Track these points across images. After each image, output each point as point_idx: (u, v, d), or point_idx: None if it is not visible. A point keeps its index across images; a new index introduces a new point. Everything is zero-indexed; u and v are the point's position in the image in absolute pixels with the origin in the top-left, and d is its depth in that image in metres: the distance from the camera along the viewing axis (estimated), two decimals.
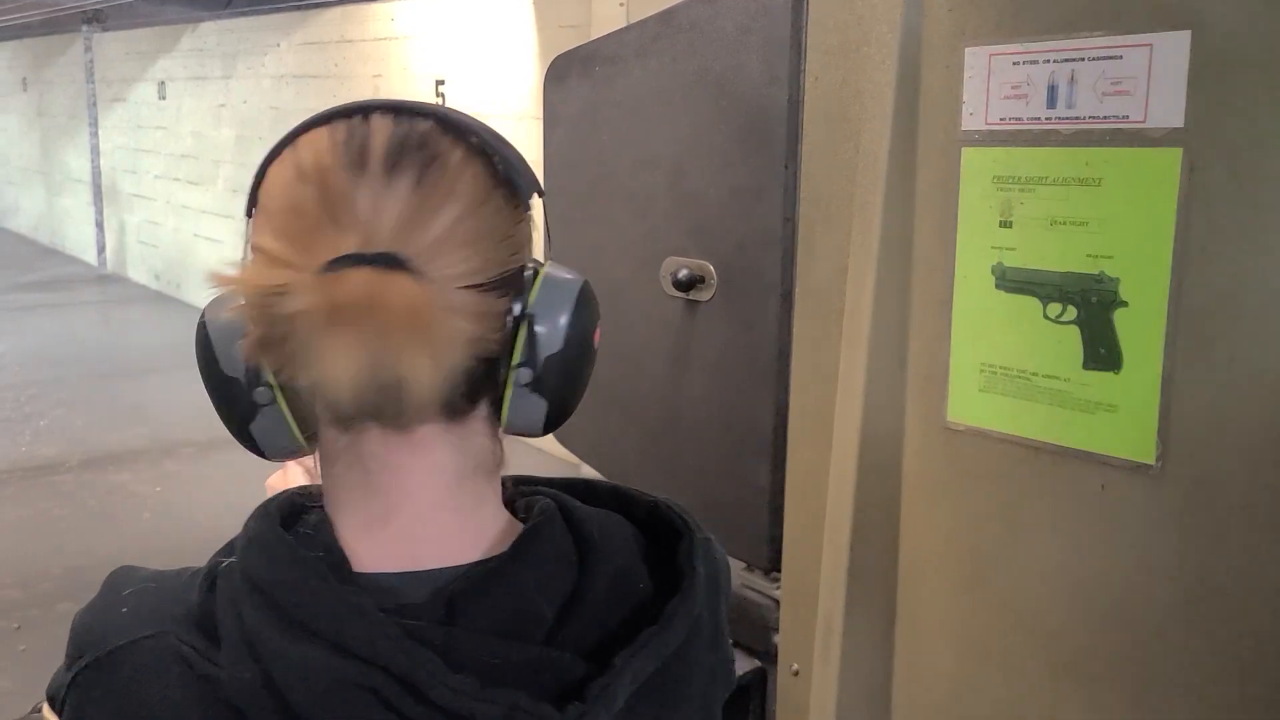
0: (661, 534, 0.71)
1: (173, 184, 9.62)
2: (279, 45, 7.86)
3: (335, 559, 0.62)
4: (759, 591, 1.50)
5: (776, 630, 1.43)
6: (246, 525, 0.65)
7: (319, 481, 1.13)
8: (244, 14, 8.00)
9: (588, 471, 1.93)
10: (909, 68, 1.15)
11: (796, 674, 1.35)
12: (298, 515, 0.66)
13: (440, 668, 0.57)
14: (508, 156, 0.64)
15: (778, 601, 1.44)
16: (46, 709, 1.19)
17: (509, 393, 0.64)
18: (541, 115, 5.55)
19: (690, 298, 1.50)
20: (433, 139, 0.63)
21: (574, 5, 5.27)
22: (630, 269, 1.58)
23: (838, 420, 1.24)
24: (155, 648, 0.62)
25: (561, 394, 0.65)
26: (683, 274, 1.48)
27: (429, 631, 0.59)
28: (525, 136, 5.55)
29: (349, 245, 0.58)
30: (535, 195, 0.66)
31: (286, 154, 0.63)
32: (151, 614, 0.64)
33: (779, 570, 1.42)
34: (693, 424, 1.53)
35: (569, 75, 1.70)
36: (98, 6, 8.82)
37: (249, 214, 0.64)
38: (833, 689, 1.24)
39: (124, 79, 10.31)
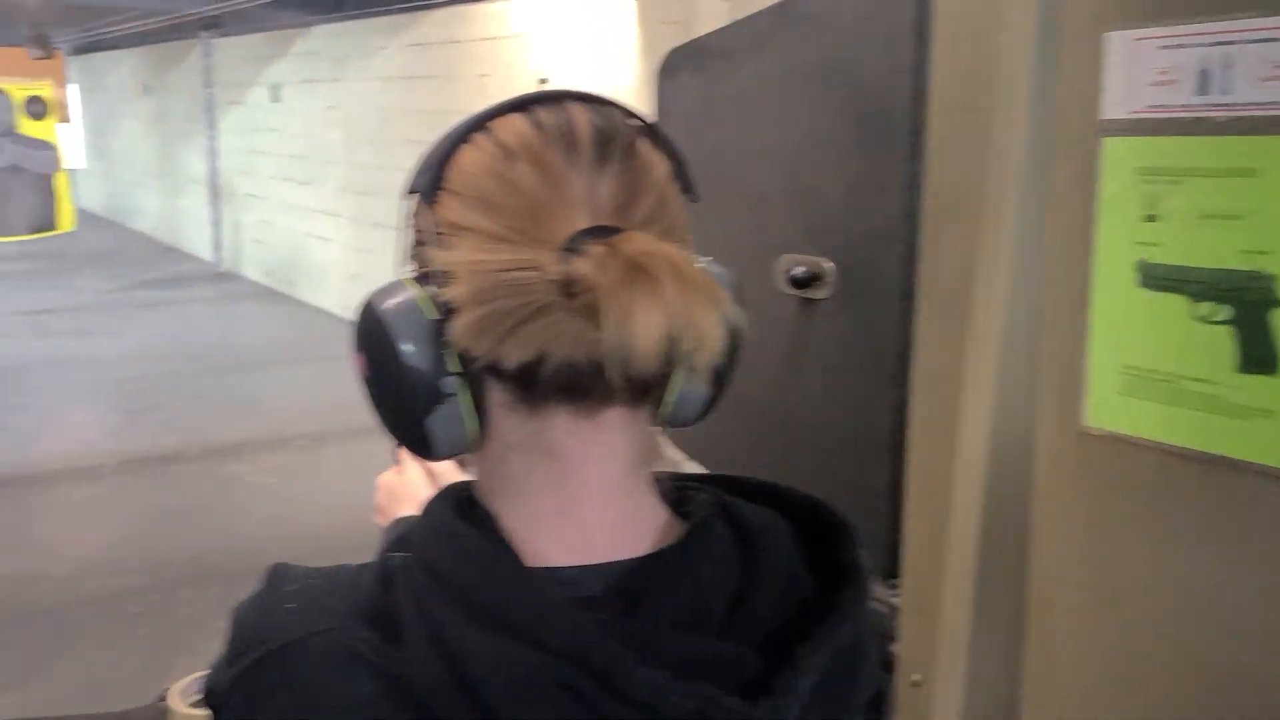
0: (819, 530, 0.69)
1: (284, 184, 9.92)
2: (386, 47, 8.02)
3: (510, 551, 0.62)
4: (875, 599, 1.46)
5: (894, 639, 1.38)
6: (424, 519, 0.64)
7: (441, 479, 1.14)
8: (353, 17, 8.19)
9: (690, 469, 1.91)
10: (1045, 54, 1.09)
11: (917, 685, 1.30)
12: (464, 509, 0.65)
13: (634, 660, 0.56)
14: (677, 151, 0.66)
15: (895, 609, 1.39)
16: (175, 700, 1.23)
17: (677, 379, 0.64)
18: (646, 111, 5.60)
19: (806, 295, 1.46)
20: (626, 128, 0.64)
21: (676, 1, 5.25)
22: (743, 266, 1.54)
23: (963, 423, 1.19)
24: (328, 643, 0.61)
25: (720, 385, 0.66)
26: (799, 271, 1.44)
27: (615, 624, 0.58)
28: None
29: (581, 221, 0.60)
30: (690, 193, 0.67)
31: (479, 138, 0.64)
32: (320, 610, 0.64)
33: (896, 577, 1.38)
34: (806, 424, 1.50)
35: (681, 70, 1.68)
36: (215, 13, 9.14)
37: (428, 198, 0.64)
38: (957, 703, 1.20)
39: (239, 83, 10.66)
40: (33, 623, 3.76)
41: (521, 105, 0.65)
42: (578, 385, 0.61)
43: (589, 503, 0.64)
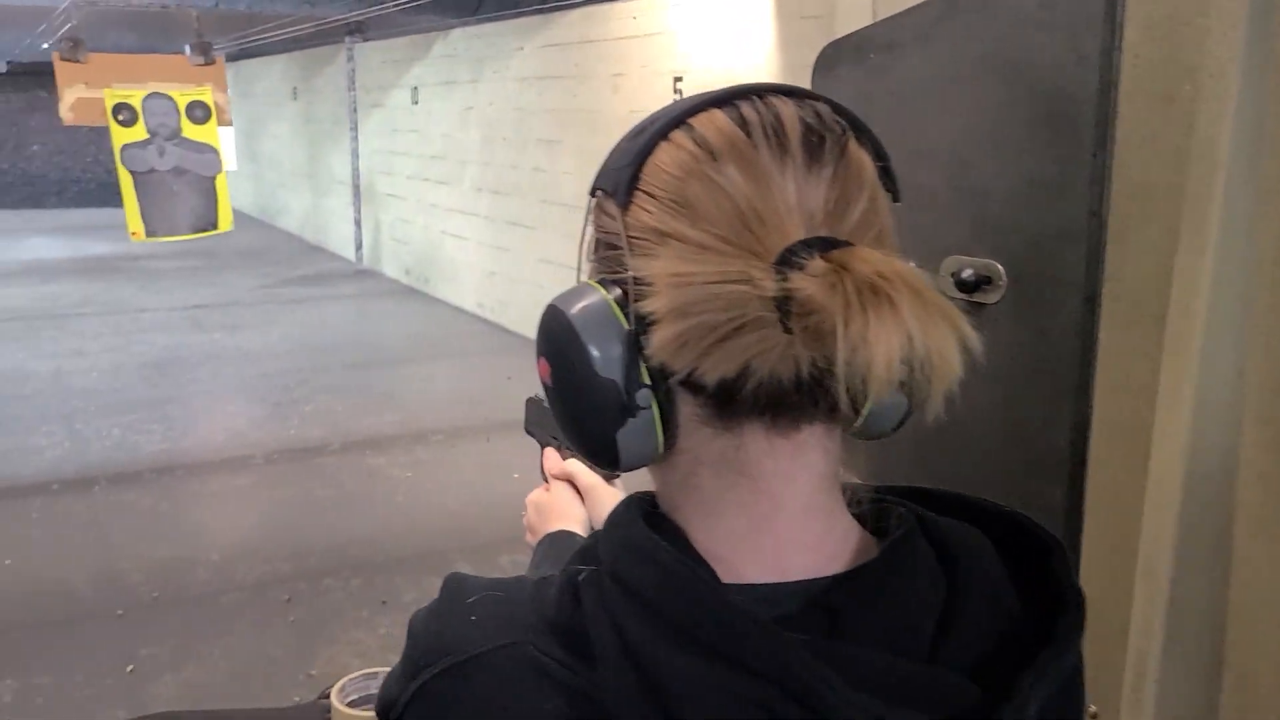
0: (1023, 549, 0.64)
1: (423, 184, 10.17)
2: (522, 49, 8.14)
3: (705, 569, 0.59)
4: None
5: None
6: (611, 532, 0.62)
7: (591, 495, 1.11)
8: (491, 19, 8.33)
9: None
10: (1258, 40, 1.00)
11: (1095, 718, 1.22)
12: (649, 521, 0.62)
13: (842, 685, 0.53)
14: (883, 150, 0.62)
15: None
16: (337, 699, 1.24)
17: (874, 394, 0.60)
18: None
19: (975, 300, 1.39)
20: (835, 125, 0.60)
21: None
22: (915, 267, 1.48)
23: (1156, 437, 1.11)
24: (512, 657, 0.60)
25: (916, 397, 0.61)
26: (967, 274, 1.37)
27: (818, 645, 0.55)
28: None
29: (796, 231, 0.56)
30: (894, 195, 0.63)
31: (678, 135, 0.60)
32: (503, 622, 0.62)
33: None
34: (974, 436, 1.42)
35: (838, 64, 1.62)
36: (360, 18, 9.43)
37: (621, 200, 0.60)
38: None
39: (381, 86, 10.99)
40: (187, 607, 3.92)
41: (723, 100, 0.61)
42: (779, 403, 0.58)
43: (784, 521, 0.61)
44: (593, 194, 0.65)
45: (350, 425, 6.14)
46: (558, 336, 0.61)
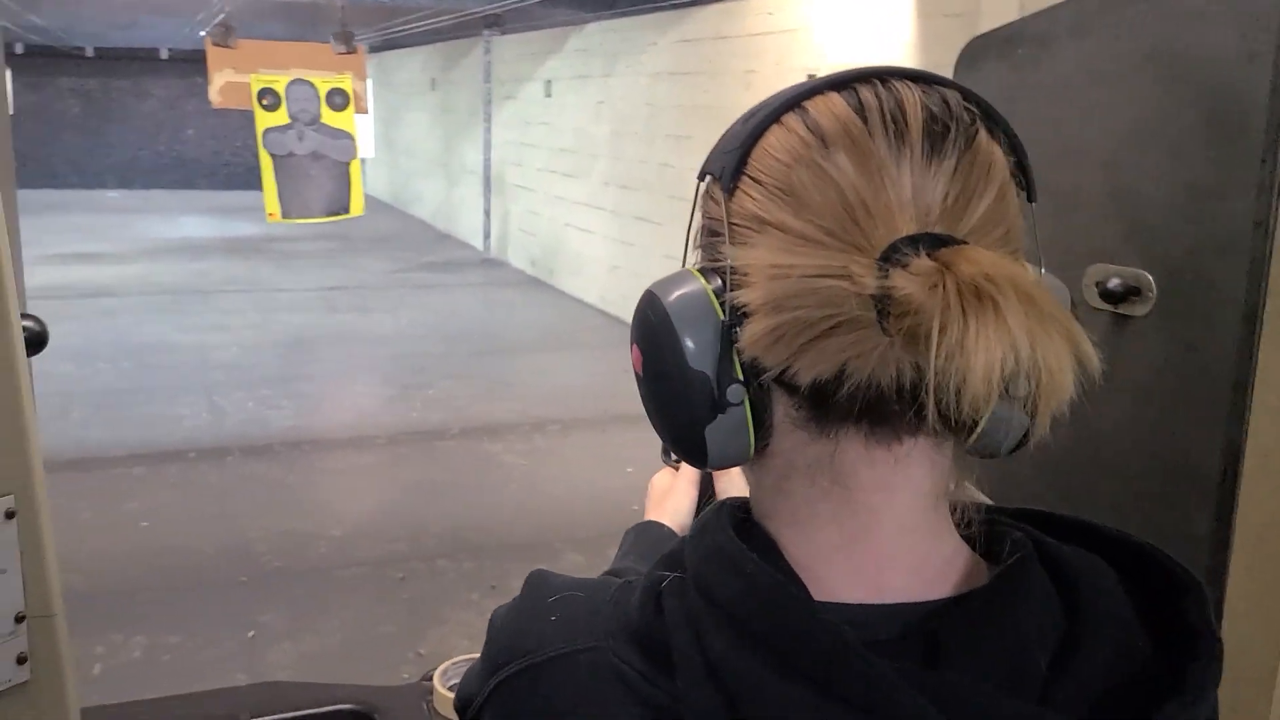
0: (1152, 583, 0.59)
1: (551, 176, 10.30)
2: (656, 43, 8.15)
3: (796, 583, 0.55)
4: None
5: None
6: (699, 538, 0.59)
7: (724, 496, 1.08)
8: (626, 14, 8.37)
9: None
10: None
11: None
12: (740, 529, 0.59)
13: None
14: (1019, 143, 0.57)
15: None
16: (439, 682, 1.24)
17: (989, 410, 0.55)
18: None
19: (1120, 311, 1.30)
20: (963, 115, 0.55)
21: None
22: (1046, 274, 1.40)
23: None
24: (591, 663, 0.58)
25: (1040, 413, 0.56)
26: (1113, 283, 1.29)
27: (916, 676, 0.51)
28: None
29: (907, 226, 0.52)
30: (1029, 194, 0.58)
31: (790, 119, 0.56)
32: (584, 625, 0.60)
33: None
34: (1111, 455, 1.34)
35: (984, 59, 1.55)
36: (498, 11, 9.60)
37: (726, 185, 0.57)
38: None
39: (516, 79, 11.17)
40: (308, 579, 4.06)
41: (842, 83, 0.57)
42: (878, 410, 0.54)
43: (881, 537, 0.57)
44: (701, 178, 0.62)
45: (470, 411, 6.26)
46: (651, 324, 0.59)
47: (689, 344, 0.56)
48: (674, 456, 1.15)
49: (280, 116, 6.44)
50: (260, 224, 12.04)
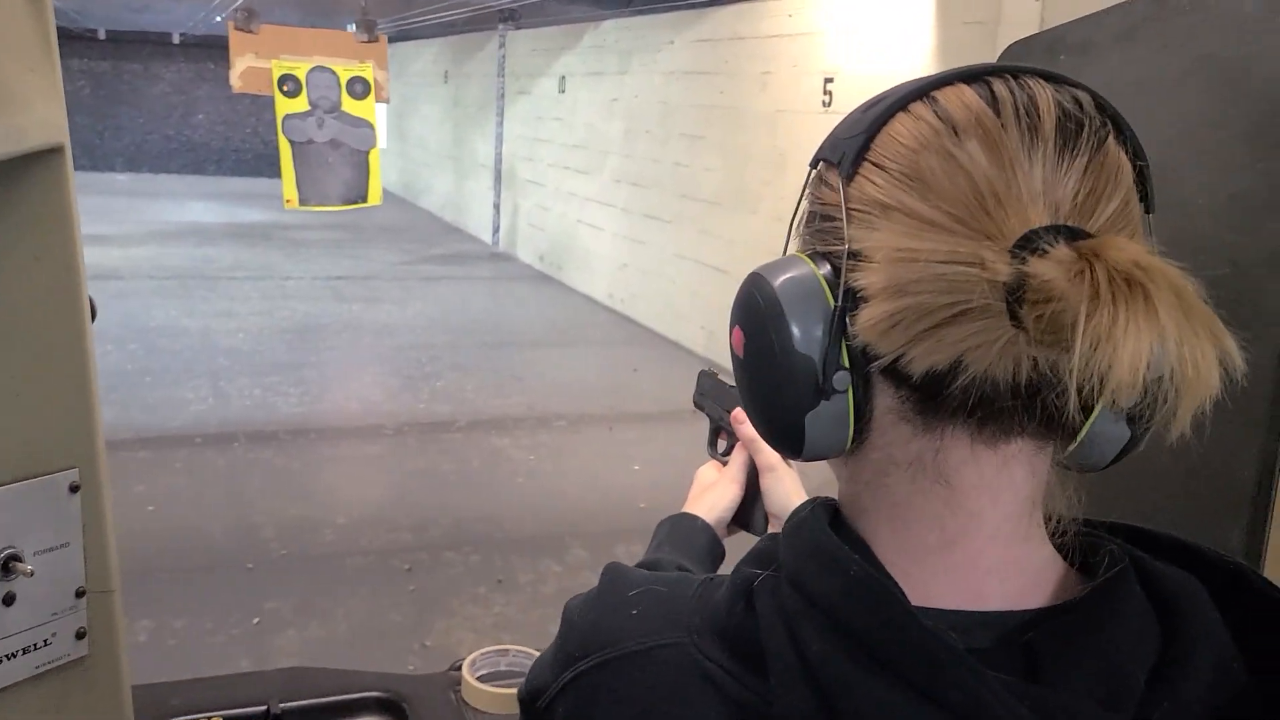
0: (1248, 609, 0.57)
1: (563, 172, 10.30)
2: (672, 42, 8.14)
3: (892, 585, 0.54)
4: None
5: None
6: (795, 535, 0.58)
7: (770, 494, 1.07)
8: (642, 12, 8.37)
9: None
10: None
11: None
12: (833, 527, 0.58)
13: None
14: (1143, 152, 0.57)
15: None
16: (468, 673, 1.24)
17: (1096, 414, 0.54)
18: None
19: None
20: (1095, 115, 0.55)
21: (981, 1, 5.00)
22: None
23: None
24: (674, 659, 0.57)
25: (1143, 426, 0.56)
26: None
27: (1018, 688, 0.50)
28: None
29: (1040, 217, 0.51)
30: (1147, 205, 0.58)
31: (918, 108, 0.56)
32: (665, 620, 0.59)
33: None
34: (1145, 463, 1.33)
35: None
36: (513, 5, 9.60)
37: (847, 170, 0.56)
38: None
39: (529, 73, 11.16)
40: (313, 566, 4.05)
41: (973, 75, 0.56)
42: (990, 406, 0.53)
43: (980, 540, 0.56)
44: (814, 165, 0.61)
45: (478, 404, 6.25)
46: (757, 305, 0.57)
47: (796, 327, 0.55)
48: (720, 449, 1.15)
49: (300, 103, 6.44)
50: (269, 210, 12.03)
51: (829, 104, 6.10)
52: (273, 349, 7.16)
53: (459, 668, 1.25)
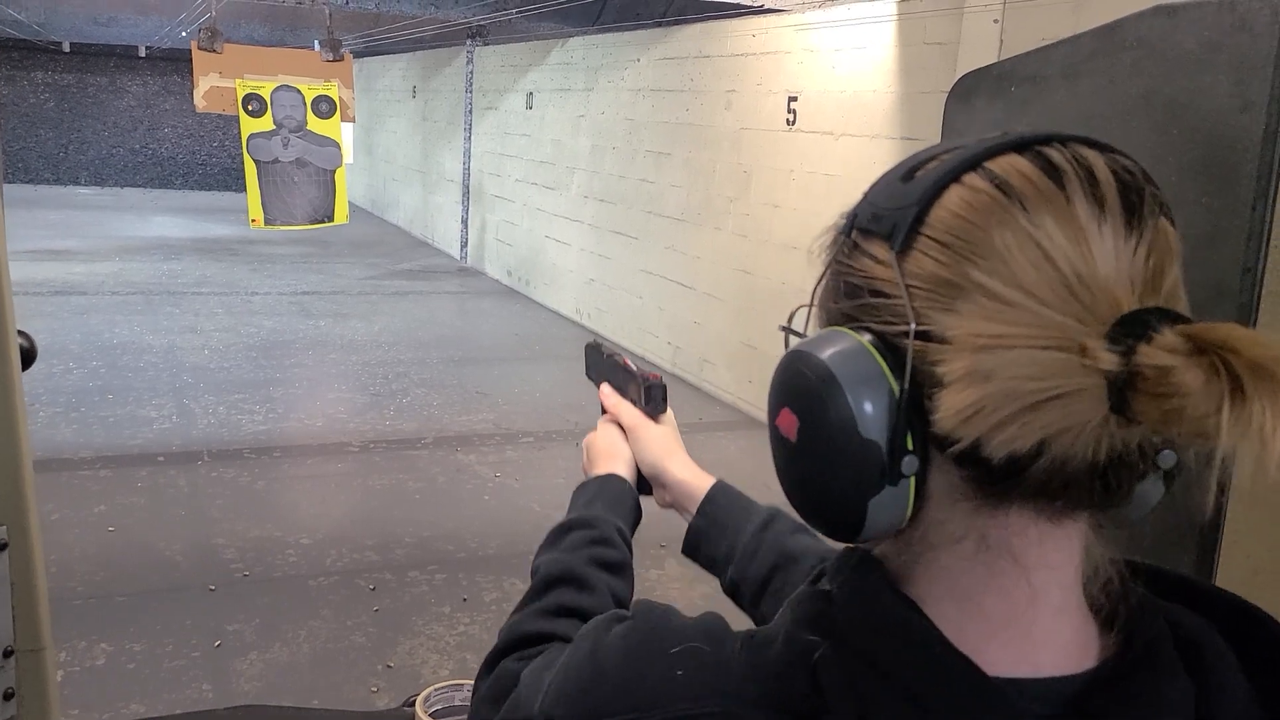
0: (1259, 650, 0.59)
1: (530, 188, 10.29)
2: (639, 60, 8.17)
3: (961, 657, 0.53)
4: None
5: None
6: (858, 605, 0.56)
7: (635, 433, 1.07)
8: (610, 30, 8.39)
9: None
10: None
11: None
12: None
13: None
14: (1172, 213, 0.56)
15: None
16: (420, 710, 1.23)
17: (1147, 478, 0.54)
18: (898, 135, 5.36)
19: None
20: (1146, 184, 0.55)
21: (942, 22, 5.06)
22: None
23: None
24: None
25: (1173, 481, 0.56)
26: None
27: None
28: (881, 155, 5.40)
29: (1125, 296, 0.50)
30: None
31: (973, 178, 0.54)
32: (711, 686, 0.57)
33: None
34: None
35: (976, 94, 1.56)
36: (482, 22, 9.59)
37: (898, 243, 0.54)
38: None
39: (497, 89, 11.16)
40: (276, 587, 4.01)
41: (1021, 144, 0.55)
42: (1066, 486, 0.52)
43: (1041, 613, 0.55)
44: (845, 233, 0.59)
45: (444, 420, 6.22)
46: (813, 388, 0.55)
47: (859, 412, 0.53)
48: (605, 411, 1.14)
49: (265, 122, 6.41)
50: (236, 225, 11.93)
51: (793, 122, 6.15)
52: (238, 366, 7.09)
53: (413, 703, 1.24)
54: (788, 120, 6.19)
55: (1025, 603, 0.55)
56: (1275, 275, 1.10)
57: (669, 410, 1.10)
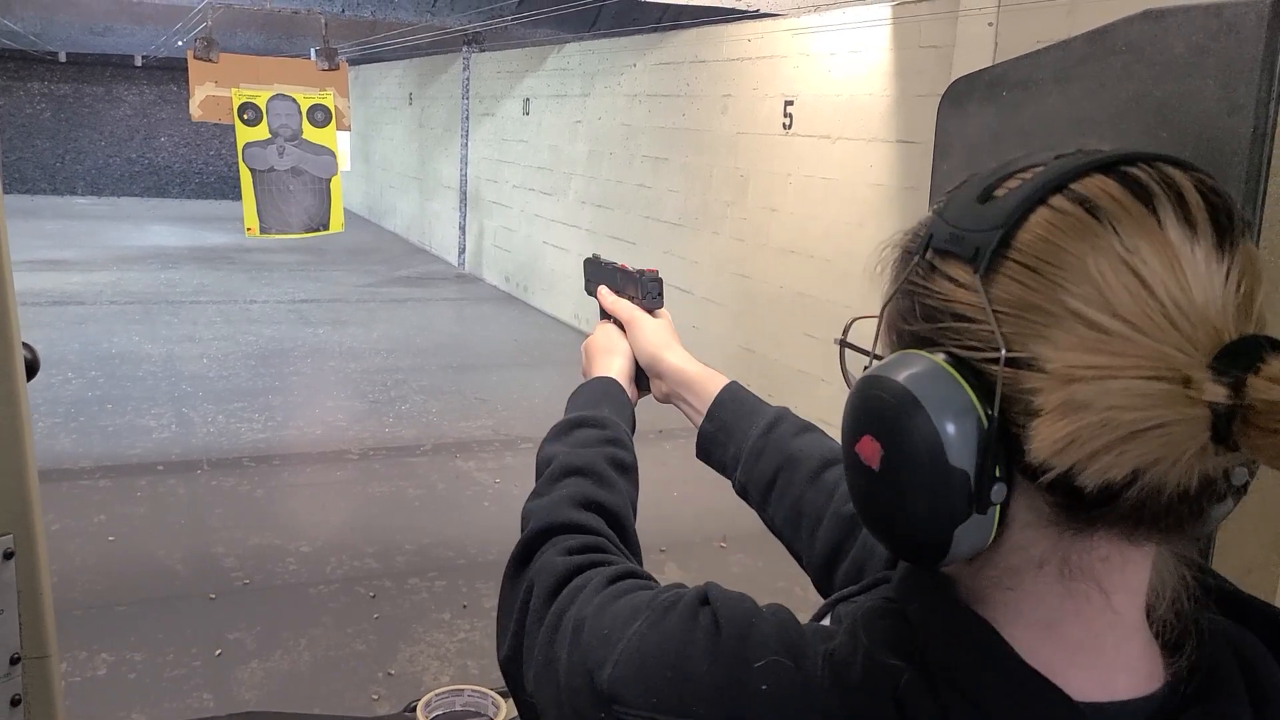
0: None
1: (528, 193, 10.31)
2: (635, 65, 8.19)
3: (1050, 685, 0.53)
4: None
5: None
6: (942, 632, 0.55)
7: (633, 327, 1.11)
8: (606, 35, 8.41)
9: None
10: None
11: None
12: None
13: None
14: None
15: None
16: (421, 716, 1.24)
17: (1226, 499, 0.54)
18: (894, 139, 5.38)
19: None
20: (1234, 204, 0.54)
21: (937, 25, 5.07)
22: None
23: None
24: None
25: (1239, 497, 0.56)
26: None
27: None
28: (878, 159, 5.42)
29: (1224, 325, 0.49)
30: None
31: (1060, 200, 0.53)
32: (798, 706, 0.56)
33: None
34: None
35: (968, 100, 1.57)
36: (478, 29, 9.61)
37: (982, 266, 0.53)
38: None
39: (494, 95, 11.18)
40: (276, 595, 4.01)
41: (1106, 165, 0.53)
42: (1156, 513, 0.52)
43: (1120, 635, 0.56)
44: (919, 253, 0.57)
45: (443, 427, 6.23)
46: (900, 416, 0.53)
47: (948, 439, 0.52)
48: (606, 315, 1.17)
49: (261, 131, 6.43)
50: (232, 234, 11.93)
51: (789, 126, 6.16)
52: (237, 374, 7.10)
53: (414, 709, 1.25)
54: (784, 124, 6.21)
55: (1106, 627, 0.55)
56: (1268, 277, 1.10)
57: (665, 308, 1.14)
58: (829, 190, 5.82)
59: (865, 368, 0.60)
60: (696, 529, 4.57)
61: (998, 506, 0.53)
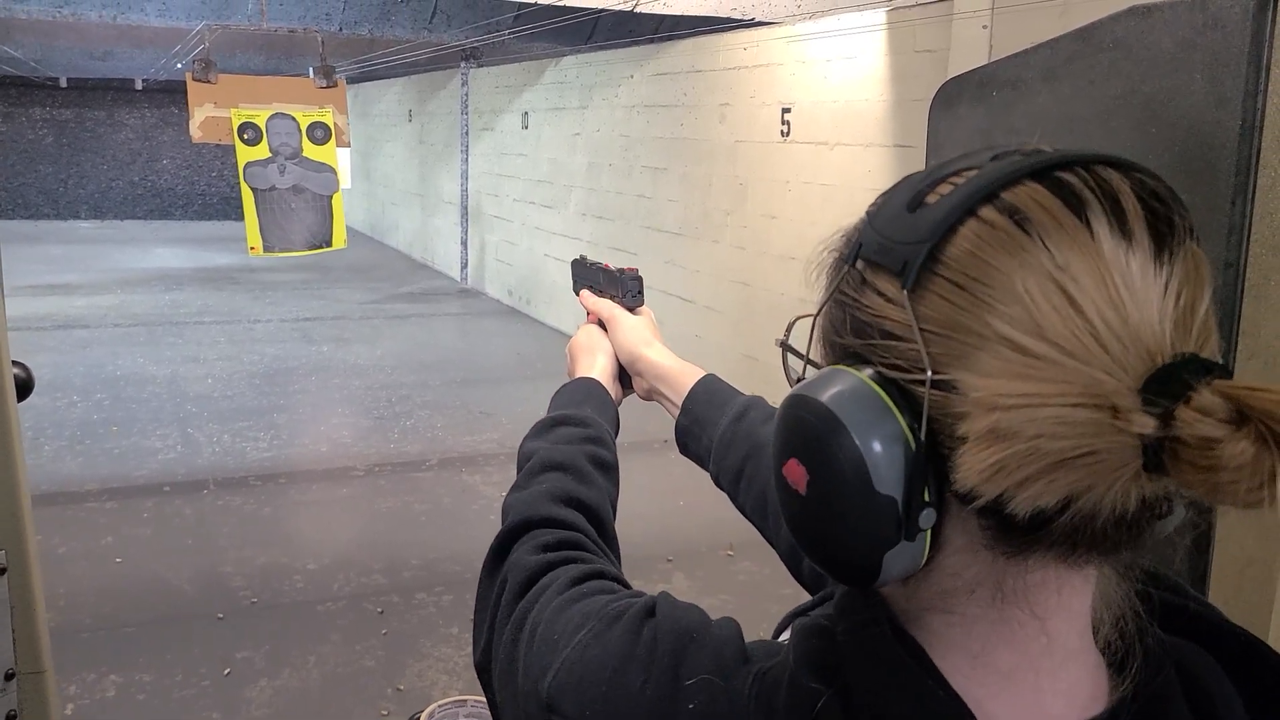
0: (1257, 682, 0.58)
1: (528, 207, 10.33)
2: (632, 76, 8.21)
3: (970, 715, 0.52)
4: None
5: None
6: (867, 659, 0.54)
7: (613, 323, 1.12)
8: (603, 48, 8.44)
9: None
10: None
11: None
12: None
13: None
14: (1197, 230, 0.52)
15: None
16: None
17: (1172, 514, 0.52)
18: (891, 143, 5.39)
19: None
20: (1176, 206, 0.51)
21: (931, 29, 5.08)
22: None
23: None
24: None
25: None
26: None
27: None
28: (876, 163, 5.43)
29: (1157, 345, 0.46)
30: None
31: (989, 212, 0.50)
32: None
33: None
34: None
35: (959, 100, 1.58)
36: (476, 44, 9.65)
37: (912, 285, 0.50)
38: None
39: (493, 110, 11.21)
40: (284, 614, 4.01)
41: (1038, 171, 0.50)
42: (1091, 538, 0.50)
43: (1054, 661, 0.54)
44: (849, 263, 0.55)
45: (449, 442, 6.23)
46: (824, 440, 0.52)
47: (875, 464, 0.50)
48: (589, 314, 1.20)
49: (261, 150, 6.45)
50: (235, 254, 11.97)
51: (787, 134, 6.17)
52: (242, 394, 7.11)
53: (418, 718, 1.25)
54: (782, 132, 6.22)
55: (1040, 653, 0.54)
56: (1257, 269, 1.11)
57: (646, 306, 1.16)
58: (828, 196, 5.83)
59: (797, 379, 0.58)
60: (702, 538, 4.57)
61: (928, 532, 0.52)
